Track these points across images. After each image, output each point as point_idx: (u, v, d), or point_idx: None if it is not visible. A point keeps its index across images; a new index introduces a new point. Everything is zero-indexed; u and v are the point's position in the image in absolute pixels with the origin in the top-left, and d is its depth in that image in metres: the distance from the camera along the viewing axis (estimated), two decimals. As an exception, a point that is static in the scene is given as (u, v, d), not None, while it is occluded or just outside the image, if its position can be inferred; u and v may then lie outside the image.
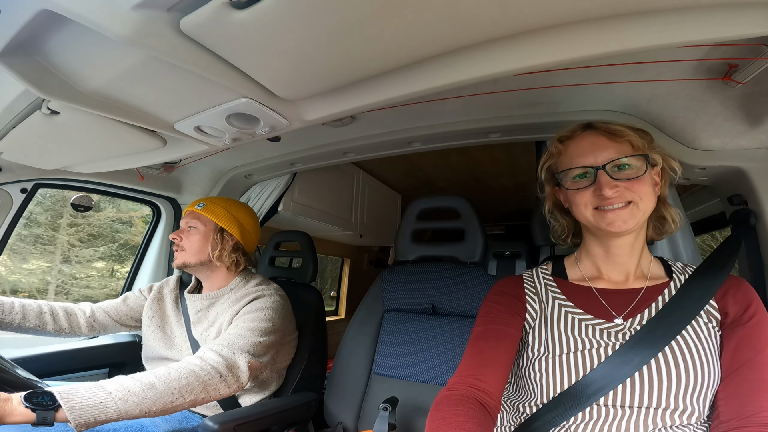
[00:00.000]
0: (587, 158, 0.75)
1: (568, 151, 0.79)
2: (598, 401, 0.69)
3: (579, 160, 0.76)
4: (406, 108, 1.12)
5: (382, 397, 1.04)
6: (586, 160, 0.75)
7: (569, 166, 0.77)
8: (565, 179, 0.78)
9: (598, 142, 0.75)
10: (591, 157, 0.74)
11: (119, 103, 0.81)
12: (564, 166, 0.79)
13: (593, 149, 0.75)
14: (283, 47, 0.60)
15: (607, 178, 0.72)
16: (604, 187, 0.71)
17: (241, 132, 0.89)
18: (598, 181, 0.73)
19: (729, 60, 0.77)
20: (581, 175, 0.76)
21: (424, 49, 0.64)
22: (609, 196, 0.71)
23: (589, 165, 0.74)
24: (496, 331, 0.79)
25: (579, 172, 0.76)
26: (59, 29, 0.63)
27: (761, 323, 0.69)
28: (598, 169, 0.73)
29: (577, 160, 0.76)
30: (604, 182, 0.72)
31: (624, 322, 0.74)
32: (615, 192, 0.71)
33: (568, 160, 0.78)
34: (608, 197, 0.71)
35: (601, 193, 0.72)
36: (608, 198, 0.71)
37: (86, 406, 0.77)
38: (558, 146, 0.81)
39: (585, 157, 0.75)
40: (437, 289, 1.26)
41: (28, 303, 1.17)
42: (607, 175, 0.72)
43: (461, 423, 0.63)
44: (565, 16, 0.57)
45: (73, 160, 1.19)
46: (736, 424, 0.64)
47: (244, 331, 1.08)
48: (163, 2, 0.52)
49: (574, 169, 0.76)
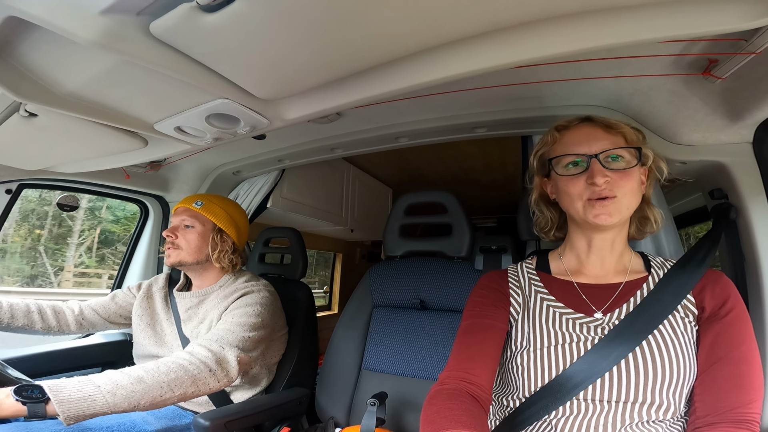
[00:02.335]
0: (582, 147, 0.76)
1: (563, 139, 0.80)
2: (578, 396, 0.70)
3: (573, 148, 0.77)
4: (392, 104, 1.11)
5: (372, 392, 1.06)
6: (580, 149, 0.76)
7: (563, 152, 0.78)
8: (557, 166, 0.79)
9: (594, 132, 0.76)
10: (586, 146, 0.75)
11: (97, 105, 0.81)
12: (558, 153, 0.80)
13: (588, 139, 0.76)
14: (257, 48, 0.60)
15: (600, 166, 0.73)
16: (596, 175, 0.72)
17: (222, 132, 0.89)
18: (591, 169, 0.73)
19: (709, 55, 0.77)
20: (574, 162, 0.77)
21: (401, 48, 0.63)
22: (599, 185, 0.72)
23: (583, 153, 0.75)
24: (482, 325, 0.80)
25: (572, 160, 0.77)
26: (31, 33, 0.62)
27: (738, 318, 0.69)
28: (592, 157, 0.74)
29: (572, 147, 0.77)
30: (596, 170, 0.73)
31: (603, 317, 0.75)
32: (605, 182, 0.72)
33: (562, 148, 0.79)
34: (599, 185, 0.72)
35: (593, 180, 0.72)
36: (599, 186, 0.72)
37: (74, 399, 0.77)
38: (554, 134, 0.82)
39: (580, 145, 0.76)
40: (425, 284, 1.27)
41: (16, 302, 1.17)
42: (600, 164, 0.73)
43: (456, 416, 0.63)
44: (541, 13, 0.57)
45: (56, 160, 1.18)
46: (711, 420, 0.65)
47: (233, 326, 1.09)
48: (131, 6, 0.52)
49: (567, 156, 0.77)
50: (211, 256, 1.24)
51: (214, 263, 1.26)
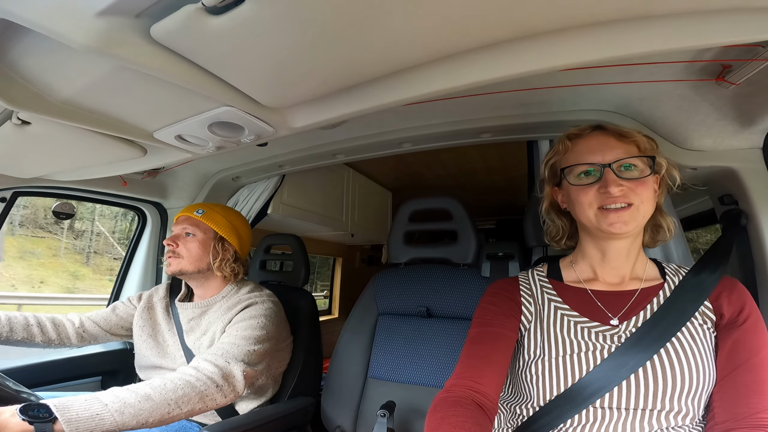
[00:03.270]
0: (595, 156, 0.75)
1: (575, 148, 0.79)
2: (594, 403, 0.69)
3: (586, 157, 0.76)
4: (396, 109, 1.09)
5: (378, 401, 1.04)
6: (593, 158, 0.75)
7: (576, 162, 0.77)
8: (569, 176, 0.78)
9: (607, 141, 0.75)
10: (599, 155, 0.74)
11: (93, 112, 0.78)
12: (570, 162, 0.78)
13: (602, 148, 0.75)
14: (265, 54, 0.58)
15: (614, 176, 0.72)
16: (611, 185, 0.71)
17: (225, 140, 0.86)
18: (605, 178, 0.73)
19: (722, 61, 0.76)
20: (586, 172, 0.76)
21: (413, 57, 0.61)
22: (615, 194, 0.71)
23: (596, 162, 0.74)
24: (492, 333, 0.79)
25: (585, 169, 0.76)
26: (23, 37, 0.60)
27: (756, 325, 0.70)
28: (605, 166, 0.73)
29: (585, 156, 0.76)
30: (610, 180, 0.72)
31: (619, 325, 0.74)
32: (620, 191, 0.71)
33: (574, 157, 0.78)
34: (614, 195, 0.71)
35: (607, 190, 0.71)
36: (613, 196, 0.71)
37: (83, 418, 0.76)
38: (566, 143, 0.81)
39: (593, 154, 0.75)
40: (431, 291, 1.25)
41: (14, 315, 1.15)
42: (614, 173, 0.72)
43: (460, 423, 0.63)
44: (558, 23, 0.55)
45: (51, 169, 1.14)
46: (731, 425, 0.64)
47: (238, 340, 1.07)
48: (130, 8, 0.49)
49: (580, 165, 0.76)
50: (213, 264, 1.22)
51: (215, 272, 1.24)
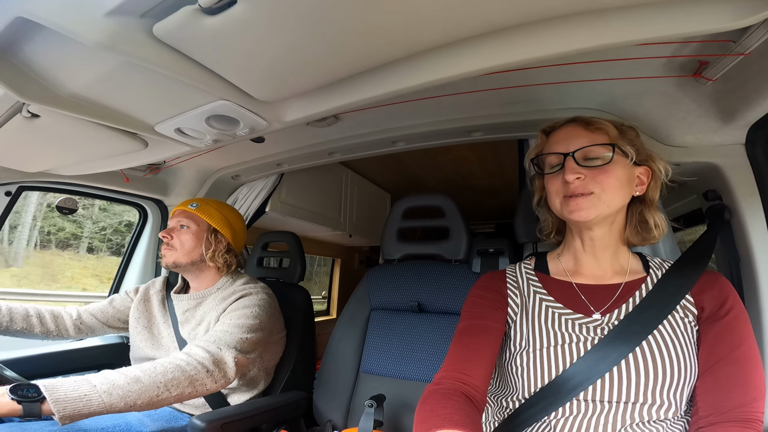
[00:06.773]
0: (561, 146, 0.77)
1: (549, 140, 0.81)
2: (578, 396, 0.69)
3: (554, 148, 0.78)
4: (388, 108, 1.12)
5: (370, 395, 1.05)
6: (559, 148, 0.77)
7: (546, 152, 0.79)
8: (544, 167, 0.81)
9: (575, 132, 0.77)
10: (564, 145, 0.76)
11: (99, 106, 0.82)
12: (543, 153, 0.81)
13: (568, 137, 0.77)
14: (257, 51, 0.61)
15: (573, 164, 0.73)
16: (567, 173, 0.73)
17: (222, 133, 0.90)
18: (564, 167, 0.74)
19: (699, 57, 0.79)
20: (556, 163, 0.78)
21: (397, 50, 0.65)
22: (570, 182, 0.73)
23: (561, 152, 0.76)
24: (479, 326, 0.80)
25: (553, 160, 0.78)
26: (36, 34, 0.64)
27: (738, 318, 0.69)
28: (567, 155, 0.75)
29: (553, 147, 0.78)
30: (567, 168, 0.73)
31: (602, 317, 0.74)
32: (577, 179, 0.73)
33: (547, 149, 0.80)
34: (570, 182, 0.73)
35: (564, 178, 0.73)
36: (571, 184, 0.73)
37: (70, 399, 0.77)
38: (542, 137, 0.83)
39: (559, 144, 0.77)
40: (423, 287, 1.27)
41: (15, 306, 1.17)
42: (574, 161, 0.73)
43: (449, 414, 0.63)
44: (531, 15, 0.58)
45: (56, 162, 1.19)
46: (714, 419, 0.64)
47: (231, 328, 1.09)
48: (135, 9, 0.53)
49: (549, 156, 0.78)
50: (205, 255, 1.25)
51: (208, 263, 1.26)
